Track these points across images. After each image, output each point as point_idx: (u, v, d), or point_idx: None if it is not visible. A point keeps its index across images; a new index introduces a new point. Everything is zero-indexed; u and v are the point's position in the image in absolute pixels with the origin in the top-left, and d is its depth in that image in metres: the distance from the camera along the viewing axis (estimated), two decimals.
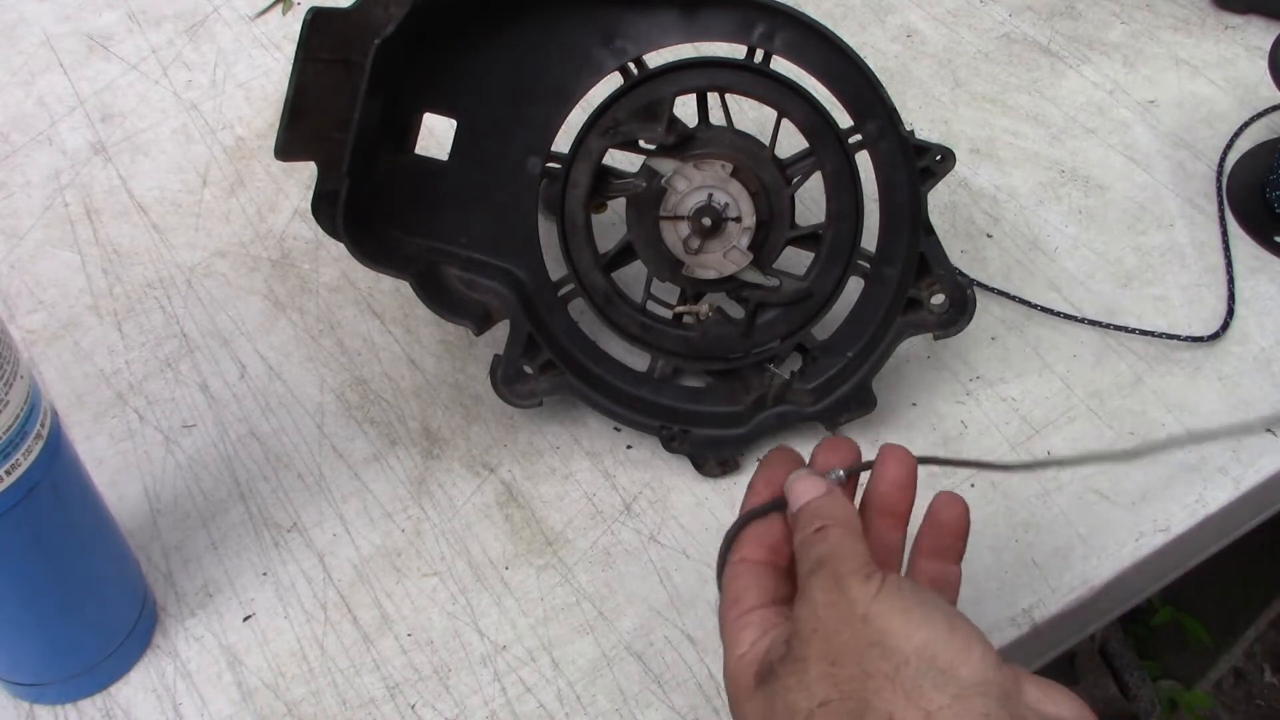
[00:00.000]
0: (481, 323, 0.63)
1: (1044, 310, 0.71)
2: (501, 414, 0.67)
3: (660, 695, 0.56)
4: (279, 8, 0.94)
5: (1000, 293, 0.72)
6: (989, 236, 0.76)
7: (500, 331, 0.64)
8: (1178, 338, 0.70)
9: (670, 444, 0.64)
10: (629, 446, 0.66)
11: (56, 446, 0.49)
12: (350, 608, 0.60)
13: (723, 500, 0.63)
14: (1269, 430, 0.66)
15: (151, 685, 0.57)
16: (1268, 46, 0.77)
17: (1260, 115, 0.82)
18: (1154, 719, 1.13)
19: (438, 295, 0.62)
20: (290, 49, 0.90)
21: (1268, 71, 0.75)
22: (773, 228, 0.62)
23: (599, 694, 0.56)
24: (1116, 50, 0.88)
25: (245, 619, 0.59)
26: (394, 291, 0.73)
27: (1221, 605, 1.18)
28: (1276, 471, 0.64)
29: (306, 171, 0.80)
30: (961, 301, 0.62)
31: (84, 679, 0.56)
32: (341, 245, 0.59)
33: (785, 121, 0.62)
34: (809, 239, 0.64)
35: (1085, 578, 0.60)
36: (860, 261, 0.64)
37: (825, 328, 0.65)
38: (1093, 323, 0.70)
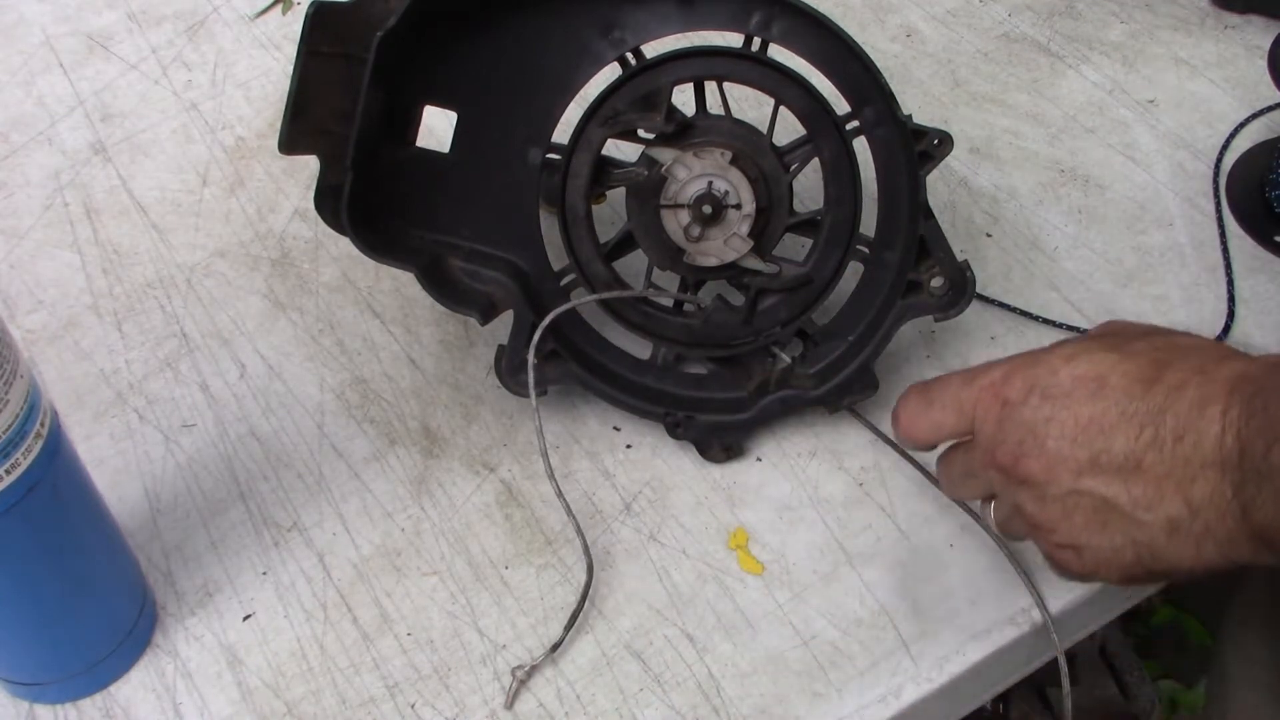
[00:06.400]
0: (486, 313, 0.63)
1: (1043, 321, 0.71)
2: (501, 414, 0.67)
3: (660, 695, 0.56)
4: (279, 8, 0.94)
5: (1000, 304, 0.71)
6: (988, 236, 0.76)
7: (500, 329, 0.64)
8: None
9: (675, 430, 0.64)
10: (628, 446, 0.66)
11: (56, 446, 0.49)
12: (350, 607, 0.60)
13: (722, 500, 0.63)
14: None
15: (151, 685, 0.57)
16: (1267, 46, 0.77)
17: (1258, 114, 0.82)
18: (1154, 719, 1.12)
19: (442, 287, 0.62)
20: (290, 49, 0.90)
21: (1267, 71, 0.75)
22: (772, 214, 0.63)
23: (599, 693, 0.56)
24: (1116, 50, 0.88)
25: (245, 618, 0.59)
26: (394, 291, 0.73)
27: (1221, 605, 1.18)
28: None
29: (306, 171, 0.80)
30: (961, 284, 0.62)
31: (84, 678, 0.56)
32: (342, 244, 0.59)
33: (783, 110, 0.62)
34: (808, 225, 0.64)
35: None
36: (859, 247, 0.64)
37: (826, 312, 0.65)
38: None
